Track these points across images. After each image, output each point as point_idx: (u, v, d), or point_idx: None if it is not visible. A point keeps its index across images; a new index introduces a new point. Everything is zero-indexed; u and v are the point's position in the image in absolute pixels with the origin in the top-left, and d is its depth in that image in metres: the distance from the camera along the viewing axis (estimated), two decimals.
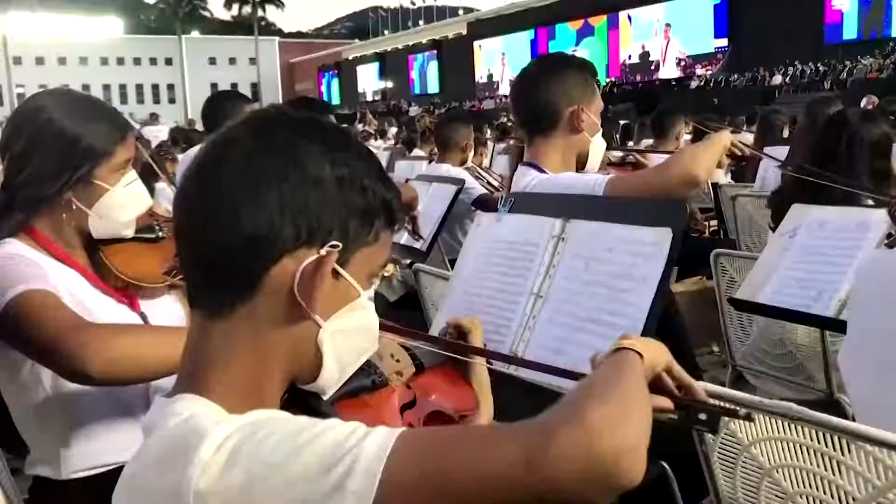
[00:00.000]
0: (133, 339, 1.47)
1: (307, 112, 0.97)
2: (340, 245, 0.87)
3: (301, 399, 0.93)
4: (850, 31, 31.10)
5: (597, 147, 2.30)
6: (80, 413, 1.59)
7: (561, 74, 2.23)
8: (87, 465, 1.60)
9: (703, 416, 0.98)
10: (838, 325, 2.04)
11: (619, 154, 4.60)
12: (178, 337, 0.99)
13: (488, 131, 10.58)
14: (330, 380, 0.93)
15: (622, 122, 10.69)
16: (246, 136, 0.89)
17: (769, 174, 4.61)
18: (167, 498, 0.78)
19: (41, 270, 1.52)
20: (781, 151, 4.36)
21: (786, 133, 6.45)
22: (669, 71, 38.23)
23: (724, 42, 35.35)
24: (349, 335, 0.92)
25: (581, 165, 2.31)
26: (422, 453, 0.76)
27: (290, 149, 0.87)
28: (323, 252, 0.86)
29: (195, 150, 3.88)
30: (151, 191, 1.92)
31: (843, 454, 1.18)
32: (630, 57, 40.48)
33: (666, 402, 1.02)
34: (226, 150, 0.89)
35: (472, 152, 4.82)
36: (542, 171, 2.23)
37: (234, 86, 67.56)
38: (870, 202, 2.49)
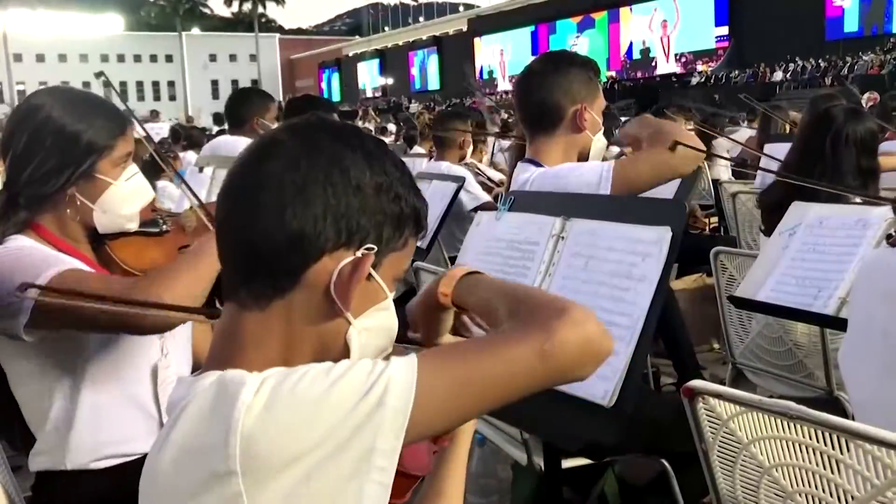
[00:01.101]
0: (190, 275, 1.50)
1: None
2: (376, 248, 0.93)
3: None
4: (850, 27, 31.07)
5: (598, 145, 2.30)
6: (87, 403, 1.61)
7: (564, 72, 2.23)
8: (93, 456, 1.62)
9: None
10: (838, 323, 2.04)
11: (616, 150, 4.60)
12: (212, 245, 1.02)
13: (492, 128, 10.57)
14: None
15: (624, 119, 10.67)
16: (293, 140, 0.94)
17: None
18: (212, 451, 0.81)
19: (56, 256, 1.55)
20: (782, 149, 4.35)
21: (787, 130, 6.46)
22: (670, 67, 38.22)
23: (724, 30, 35.30)
24: (374, 333, 0.97)
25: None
26: (447, 365, 0.87)
27: (334, 155, 0.93)
28: (359, 254, 0.92)
29: (219, 142, 3.88)
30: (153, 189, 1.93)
31: (842, 453, 1.18)
32: (630, 54, 40.45)
33: None
34: (274, 151, 0.93)
35: (471, 149, 4.83)
36: (541, 167, 2.23)
37: (234, 83, 67.62)
38: (857, 200, 2.50)
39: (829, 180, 2.65)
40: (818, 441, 1.21)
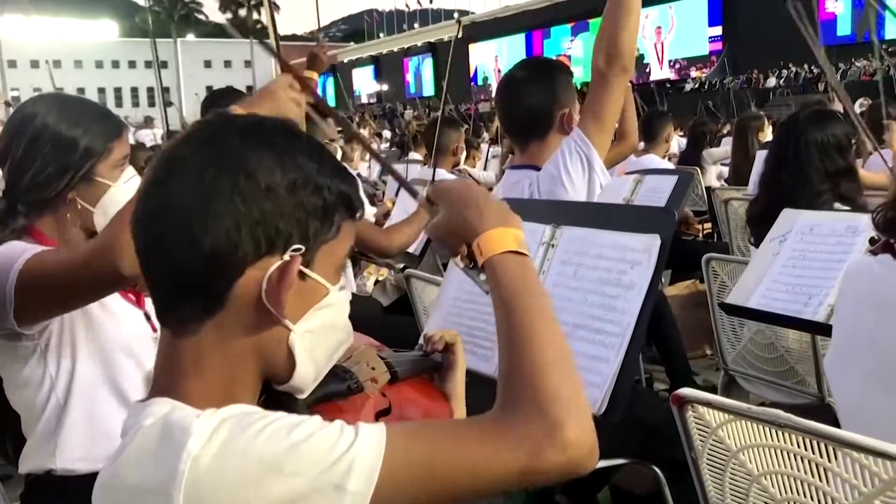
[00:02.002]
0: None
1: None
2: (303, 248, 0.88)
3: (277, 400, 0.93)
4: (843, 33, 31.22)
5: None
6: (80, 408, 1.63)
7: (549, 78, 2.27)
8: (83, 460, 1.62)
9: None
10: (828, 330, 2.04)
11: None
12: None
13: (485, 135, 10.59)
14: (306, 379, 0.93)
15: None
16: (193, 152, 0.88)
17: None
18: (154, 495, 0.78)
19: (34, 246, 1.56)
20: None
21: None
22: (664, 73, 38.32)
23: (718, 30, 35.41)
24: (320, 333, 0.92)
25: None
26: (418, 453, 0.82)
27: (238, 160, 0.86)
28: (286, 258, 0.87)
29: None
30: None
31: (830, 461, 1.18)
32: None
33: None
34: (175, 169, 0.87)
35: (464, 155, 4.84)
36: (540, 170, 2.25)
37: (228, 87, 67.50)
38: (843, 207, 2.53)
39: (794, 185, 2.68)
40: (806, 449, 1.21)
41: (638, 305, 1.42)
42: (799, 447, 1.22)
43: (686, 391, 1.35)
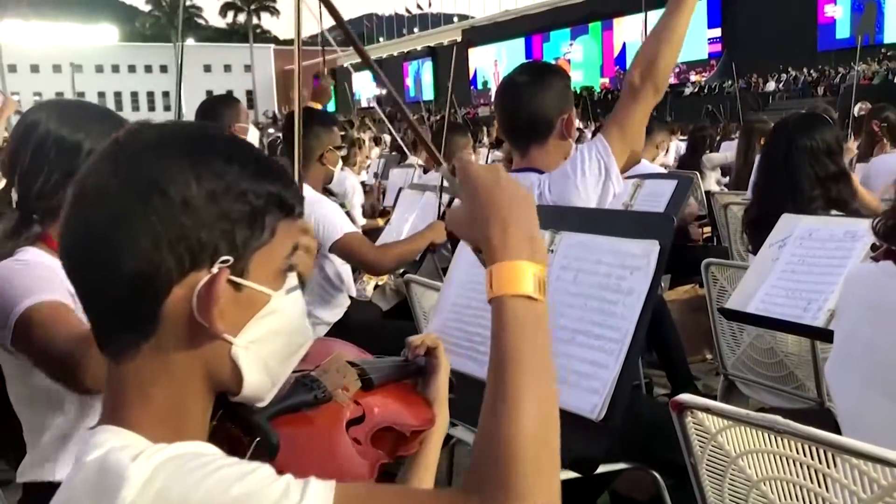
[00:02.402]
0: None
1: (176, 123, 0.93)
2: (231, 258, 0.83)
3: (236, 413, 0.91)
4: (842, 37, 31.27)
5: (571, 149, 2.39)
6: (84, 418, 1.61)
7: (549, 83, 2.28)
8: None
9: None
10: (828, 336, 2.05)
11: None
12: None
13: (485, 139, 10.60)
14: (258, 389, 0.90)
15: None
16: (105, 171, 0.84)
17: None
18: None
19: (56, 276, 1.54)
20: None
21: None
22: None
23: (717, 32, 35.47)
24: (267, 341, 0.88)
25: None
26: None
27: (149, 177, 0.82)
28: (214, 270, 0.83)
29: None
30: None
31: (829, 467, 1.18)
32: (623, 64, 40.60)
33: None
34: (88, 196, 0.84)
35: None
36: (544, 174, 2.26)
37: (229, 93, 67.63)
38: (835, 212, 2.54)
39: (785, 191, 2.69)
40: (805, 455, 1.21)
41: (637, 311, 1.42)
42: (798, 453, 1.22)
43: (685, 397, 1.34)
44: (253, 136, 3.89)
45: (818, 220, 2.35)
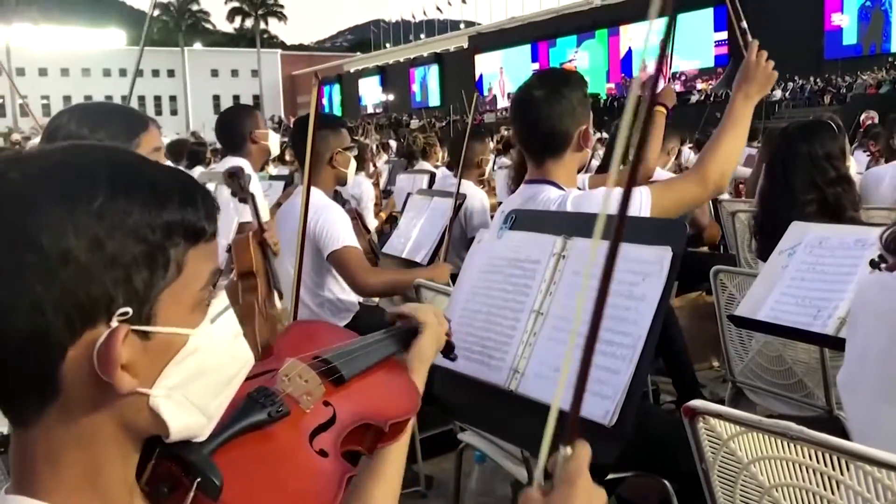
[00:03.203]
0: None
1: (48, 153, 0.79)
2: (129, 309, 0.73)
3: (171, 452, 0.84)
4: (849, 47, 31.25)
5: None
6: None
7: (568, 97, 2.26)
8: None
9: None
10: (837, 343, 2.05)
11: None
12: None
13: (491, 145, 10.59)
14: (192, 430, 0.82)
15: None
16: None
17: None
18: None
19: None
20: None
21: None
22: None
23: (723, 39, 35.45)
24: (191, 383, 0.80)
25: None
26: None
27: (17, 232, 0.70)
28: (114, 324, 0.73)
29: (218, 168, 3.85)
30: None
31: (842, 473, 1.18)
32: (629, 72, 40.62)
33: None
34: None
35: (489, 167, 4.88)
36: (561, 188, 2.27)
37: (236, 98, 67.84)
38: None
39: (780, 193, 2.70)
40: (818, 461, 1.21)
41: (650, 317, 1.42)
42: (811, 460, 1.22)
43: (697, 403, 1.35)
44: (274, 141, 3.92)
45: (828, 229, 2.35)
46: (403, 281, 3.15)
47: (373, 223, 6.01)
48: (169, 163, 1.81)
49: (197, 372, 0.80)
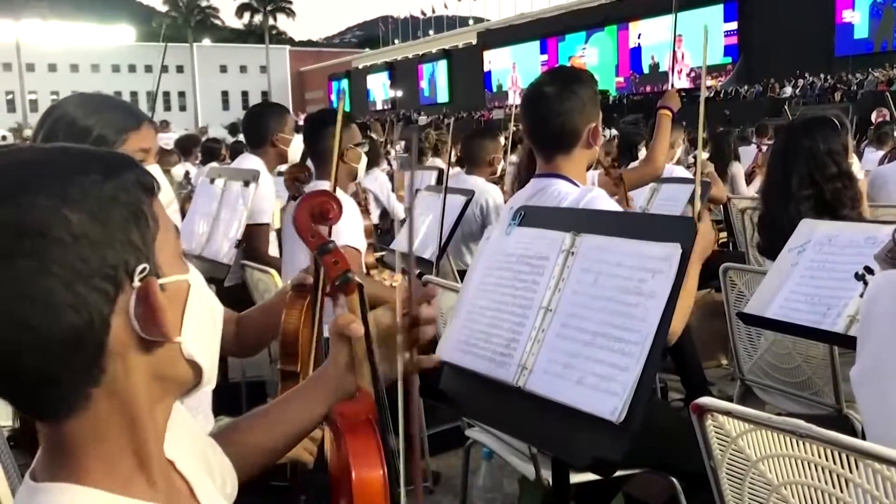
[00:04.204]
0: None
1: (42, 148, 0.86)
2: (146, 265, 0.78)
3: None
4: (860, 43, 31.07)
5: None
6: None
7: (578, 94, 2.28)
8: None
9: None
10: (847, 341, 2.04)
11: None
12: None
13: (501, 141, 10.56)
14: (212, 374, 0.89)
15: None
16: None
17: None
18: None
19: None
20: None
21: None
22: (679, 82, 38.19)
23: (732, 29, 35.32)
24: (201, 325, 0.86)
25: None
26: None
27: (24, 228, 0.72)
28: (136, 284, 0.77)
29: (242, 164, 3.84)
30: None
31: (850, 471, 1.18)
32: (640, 69, 40.51)
33: None
34: None
35: (501, 166, 4.89)
36: (575, 184, 2.29)
37: (244, 94, 67.98)
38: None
39: (783, 193, 2.70)
40: (827, 459, 1.21)
41: (658, 314, 1.41)
42: (819, 457, 1.22)
43: (706, 400, 1.35)
44: (299, 146, 3.91)
45: (837, 226, 2.34)
46: (377, 297, 3.19)
47: (400, 207, 6.05)
48: (156, 166, 1.80)
49: (200, 314, 0.86)
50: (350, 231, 3.11)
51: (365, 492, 1.04)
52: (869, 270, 1.83)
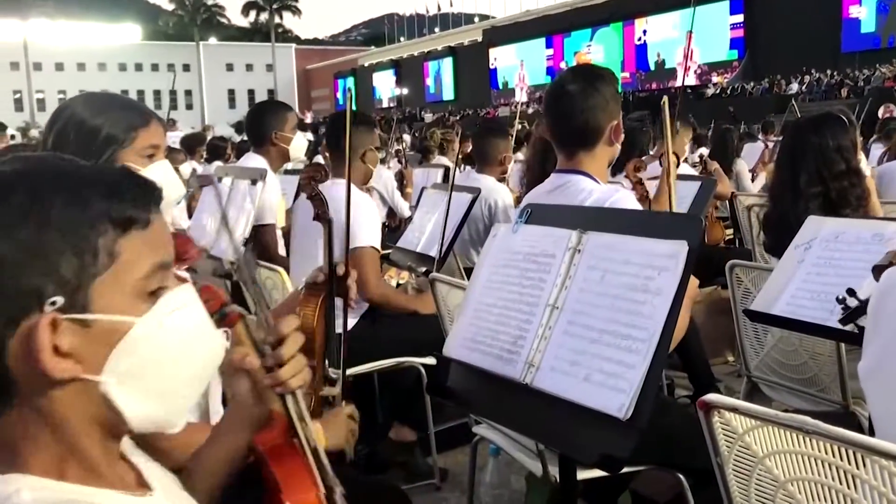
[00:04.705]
0: None
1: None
2: (59, 298, 0.77)
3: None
4: (867, 39, 30.93)
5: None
6: None
7: (601, 91, 2.30)
8: None
9: None
10: (854, 338, 2.04)
11: None
12: None
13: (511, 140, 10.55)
14: (154, 419, 0.85)
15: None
16: None
17: None
18: None
19: None
20: None
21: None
22: (687, 79, 38.09)
23: (739, 21, 35.20)
24: (146, 371, 0.82)
25: None
26: None
27: None
28: (47, 312, 0.77)
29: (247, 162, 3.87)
30: None
31: (858, 468, 1.18)
32: (646, 65, 40.41)
33: None
34: None
35: (512, 164, 4.90)
36: (597, 181, 2.30)
37: (250, 92, 68.02)
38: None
39: (787, 189, 2.69)
40: (834, 456, 1.21)
41: (665, 311, 1.42)
42: (827, 454, 1.22)
43: (713, 397, 1.35)
44: (300, 145, 3.93)
45: (844, 223, 2.33)
46: (396, 301, 3.26)
47: (405, 205, 6.06)
48: (166, 162, 1.79)
49: (151, 360, 0.82)
50: (368, 231, 3.14)
51: None
52: (851, 293, 1.84)
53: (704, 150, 7.23)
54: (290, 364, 1.06)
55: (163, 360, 0.83)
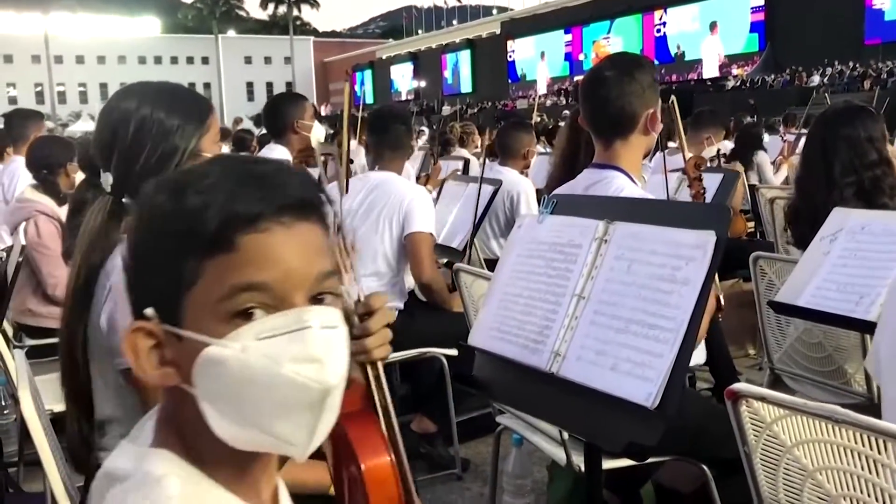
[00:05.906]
0: None
1: None
2: (156, 307, 0.83)
3: None
4: (891, 30, 30.52)
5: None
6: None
7: (638, 78, 2.28)
8: None
9: None
10: None
11: None
12: None
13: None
14: (248, 442, 0.83)
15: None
16: None
17: None
18: None
19: None
20: None
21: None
22: (706, 70, 37.82)
23: (759, 5, 34.86)
24: (226, 394, 0.81)
25: None
26: None
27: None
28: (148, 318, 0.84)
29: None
30: None
31: (887, 457, 1.19)
32: (668, 57, 40.13)
33: None
34: None
35: (534, 158, 4.94)
36: (632, 179, 2.30)
37: (268, 85, 68.19)
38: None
39: (824, 182, 2.67)
40: (863, 445, 1.21)
41: (693, 301, 1.42)
42: (855, 443, 1.22)
43: (741, 386, 1.36)
44: (319, 132, 4.00)
45: (870, 214, 2.32)
46: (440, 290, 3.36)
47: None
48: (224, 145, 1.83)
49: (232, 384, 0.79)
50: (423, 217, 3.28)
51: (376, 478, 1.03)
52: None
53: (727, 144, 7.18)
54: (377, 335, 1.17)
55: (246, 386, 0.80)
